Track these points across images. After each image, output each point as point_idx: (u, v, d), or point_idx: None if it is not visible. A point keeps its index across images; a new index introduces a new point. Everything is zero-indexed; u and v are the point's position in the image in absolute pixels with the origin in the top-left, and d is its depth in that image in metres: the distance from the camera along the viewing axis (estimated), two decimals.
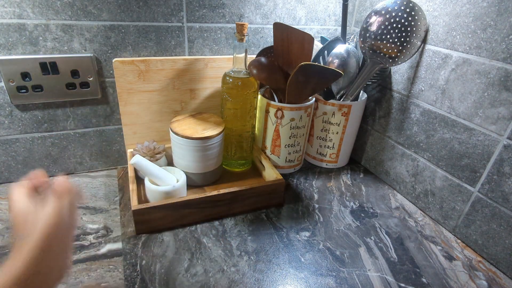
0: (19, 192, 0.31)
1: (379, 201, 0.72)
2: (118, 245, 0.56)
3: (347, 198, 0.73)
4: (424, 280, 0.53)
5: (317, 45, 0.76)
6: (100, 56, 0.65)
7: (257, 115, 0.76)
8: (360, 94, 0.79)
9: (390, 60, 0.66)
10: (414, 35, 0.63)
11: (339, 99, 0.76)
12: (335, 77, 0.67)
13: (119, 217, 0.62)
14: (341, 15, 0.74)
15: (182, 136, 0.64)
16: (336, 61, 0.71)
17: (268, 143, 0.76)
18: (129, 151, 0.73)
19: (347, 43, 0.74)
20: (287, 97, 0.70)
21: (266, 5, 0.74)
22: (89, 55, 0.64)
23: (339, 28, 0.83)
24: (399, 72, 0.71)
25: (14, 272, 0.27)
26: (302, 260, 0.56)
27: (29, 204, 0.31)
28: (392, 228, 0.65)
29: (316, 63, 0.65)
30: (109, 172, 0.76)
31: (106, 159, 0.76)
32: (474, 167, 0.58)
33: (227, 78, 0.67)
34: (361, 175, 0.82)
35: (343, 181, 0.79)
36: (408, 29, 0.63)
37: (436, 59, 0.62)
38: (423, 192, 0.69)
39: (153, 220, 0.58)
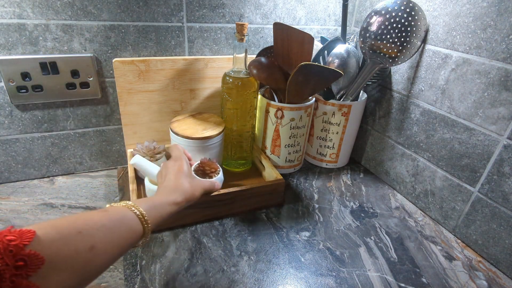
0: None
1: (379, 201, 0.72)
2: None
3: (347, 198, 0.73)
4: (424, 280, 0.53)
5: (317, 45, 0.76)
6: (100, 56, 0.65)
7: (257, 115, 0.76)
8: (360, 94, 0.79)
9: (390, 60, 0.66)
10: (414, 35, 0.63)
11: (339, 99, 0.76)
12: (335, 77, 0.67)
13: None
14: (341, 15, 0.74)
15: (182, 136, 0.64)
16: (336, 61, 0.71)
17: (268, 143, 0.76)
18: (129, 151, 0.73)
19: (347, 43, 0.74)
20: (287, 97, 0.70)
21: (266, 5, 0.74)
22: (89, 55, 0.64)
23: (339, 28, 0.83)
24: (399, 72, 0.71)
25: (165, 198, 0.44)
26: (302, 260, 0.56)
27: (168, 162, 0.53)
28: (392, 228, 0.65)
29: (316, 63, 0.65)
30: (109, 172, 0.76)
31: (106, 159, 0.76)
32: (474, 167, 0.58)
33: (227, 78, 0.67)
34: (361, 175, 0.82)
35: (343, 181, 0.79)
36: (408, 29, 0.63)
37: (436, 59, 0.62)
38: (423, 192, 0.69)
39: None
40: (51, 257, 0.27)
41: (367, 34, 0.67)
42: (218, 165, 0.59)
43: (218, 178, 0.56)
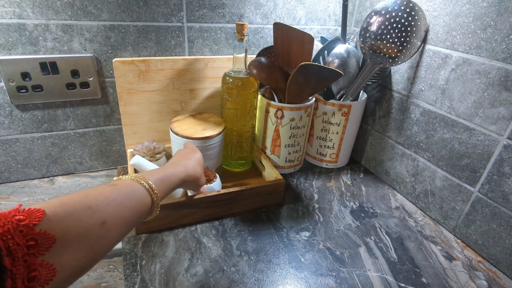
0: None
1: (379, 201, 0.72)
2: (118, 245, 0.56)
3: (347, 198, 0.73)
4: (424, 280, 0.53)
5: (317, 45, 0.76)
6: (100, 56, 0.65)
7: (257, 115, 0.76)
8: (360, 94, 0.79)
9: (390, 60, 0.66)
10: (414, 35, 0.63)
11: (339, 99, 0.76)
12: (335, 77, 0.67)
13: None
14: (341, 15, 0.74)
15: (182, 136, 0.64)
16: (336, 61, 0.71)
17: (268, 143, 0.76)
18: (129, 151, 0.73)
19: (347, 43, 0.74)
20: (287, 97, 0.70)
21: (266, 5, 0.74)
22: (89, 55, 0.64)
23: (339, 28, 0.84)
24: (399, 72, 0.71)
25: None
26: (302, 260, 0.56)
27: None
28: (392, 228, 0.65)
29: (316, 63, 0.65)
30: (109, 172, 0.76)
31: (106, 159, 0.76)
32: (474, 167, 0.58)
33: (227, 78, 0.67)
34: (361, 175, 0.82)
35: (343, 181, 0.79)
36: (408, 29, 0.63)
37: (436, 59, 0.62)
38: (423, 192, 0.69)
39: (153, 220, 0.58)
40: (62, 235, 0.27)
41: (367, 34, 0.67)
42: (216, 174, 0.64)
43: (215, 184, 0.62)
